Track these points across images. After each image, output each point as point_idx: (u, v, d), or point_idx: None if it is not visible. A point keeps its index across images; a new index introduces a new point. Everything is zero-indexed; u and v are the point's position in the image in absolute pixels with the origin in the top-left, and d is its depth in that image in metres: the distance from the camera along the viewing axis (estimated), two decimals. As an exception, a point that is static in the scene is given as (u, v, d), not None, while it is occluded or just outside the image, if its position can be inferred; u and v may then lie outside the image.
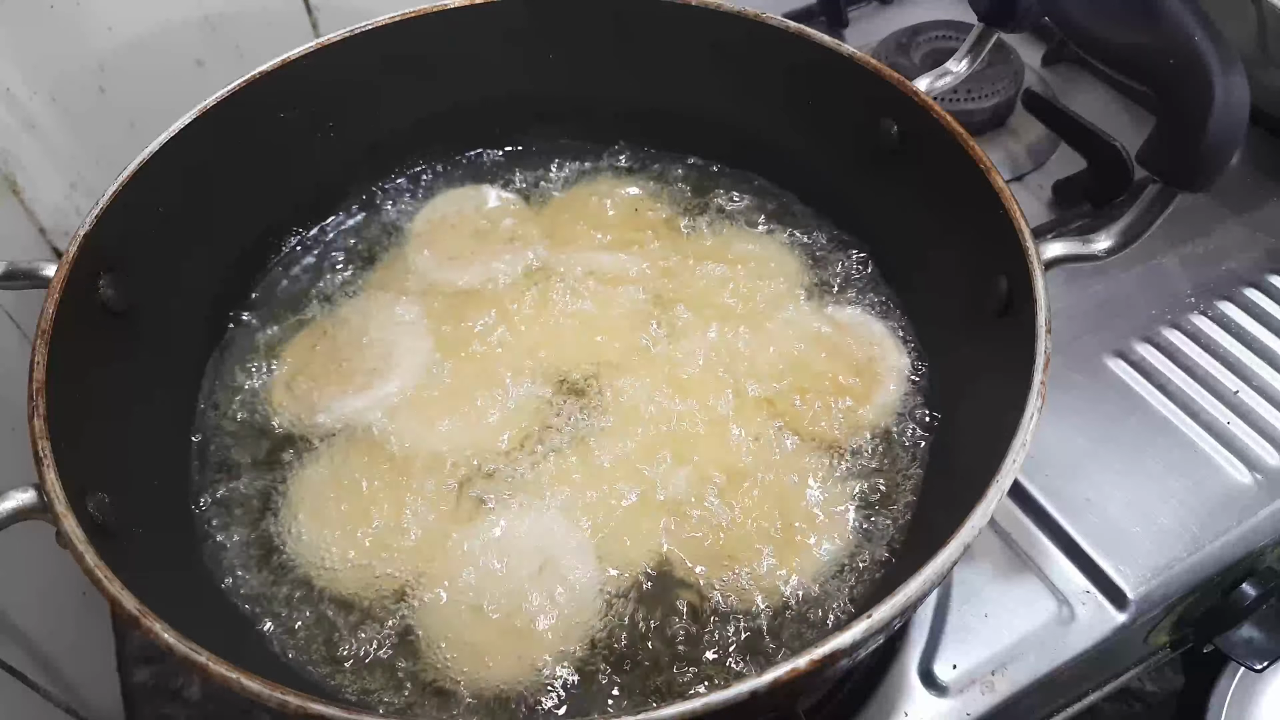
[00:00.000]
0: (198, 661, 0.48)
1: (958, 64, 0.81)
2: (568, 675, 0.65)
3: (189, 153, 0.75)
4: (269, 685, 0.47)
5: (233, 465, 0.76)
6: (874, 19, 1.30)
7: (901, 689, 0.76)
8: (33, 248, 0.94)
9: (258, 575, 0.70)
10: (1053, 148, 1.12)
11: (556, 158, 0.97)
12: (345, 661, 0.66)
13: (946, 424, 0.76)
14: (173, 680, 0.83)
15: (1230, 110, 0.58)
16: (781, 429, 0.77)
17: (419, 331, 0.83)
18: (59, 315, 0.63)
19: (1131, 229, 0.66)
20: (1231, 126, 0.59)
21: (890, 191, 0.83)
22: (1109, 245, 0.67)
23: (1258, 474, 0.84)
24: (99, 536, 0.55)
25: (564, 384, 0.80)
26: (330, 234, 0.92)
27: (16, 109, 0.89)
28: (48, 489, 0.56)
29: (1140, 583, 0.79)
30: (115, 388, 0.68)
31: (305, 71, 0.81)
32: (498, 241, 0.89)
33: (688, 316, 0.84)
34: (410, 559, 0.70)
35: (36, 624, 0.79)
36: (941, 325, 0.80)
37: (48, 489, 0.56)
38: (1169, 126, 0.63)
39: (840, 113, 0.84)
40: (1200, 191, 0.62)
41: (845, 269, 0.88)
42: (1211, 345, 0.93)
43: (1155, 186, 0.64)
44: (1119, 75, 0.68)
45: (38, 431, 0.57)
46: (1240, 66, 0.59)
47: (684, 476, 0.73)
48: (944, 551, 0.52)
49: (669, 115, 0.94)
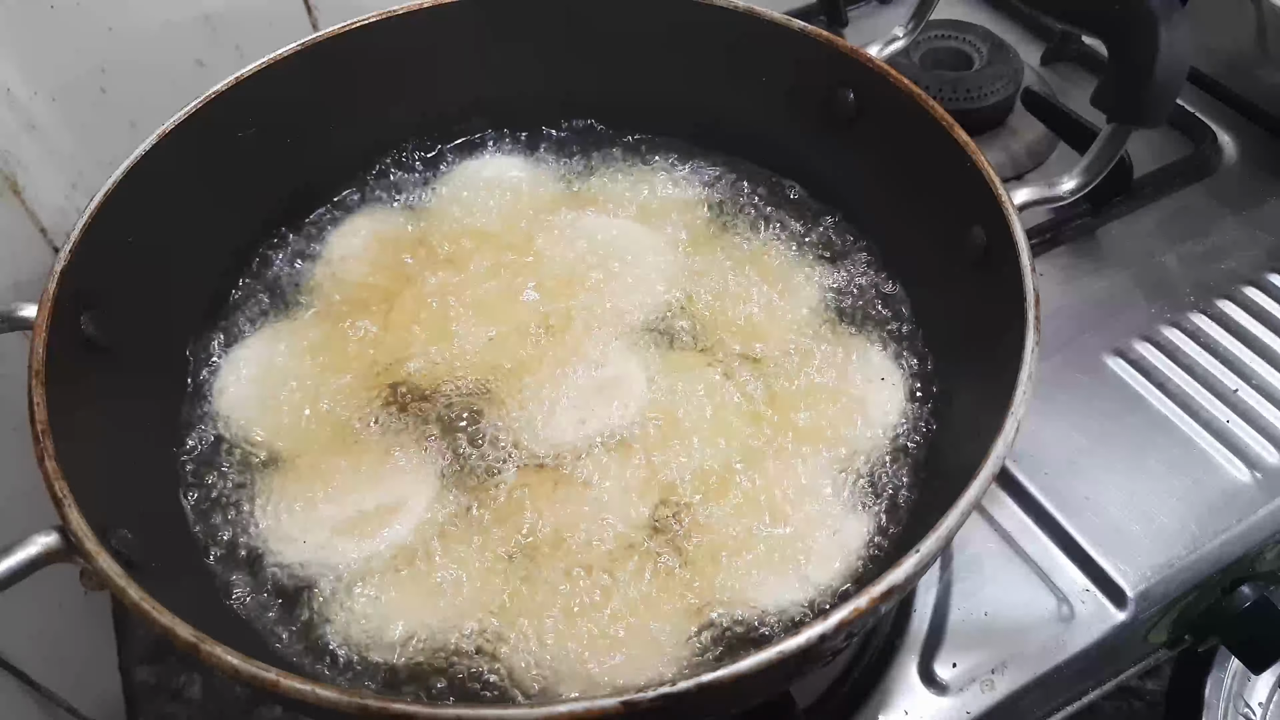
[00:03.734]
0: (267, 679, 0.48)
1: (902, 28, 0.86)
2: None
3: (154, 176, 0.74)
4: (345, 693, 0.47)
5: (228, 489, 0.75)
6: (874, 18, 1.31)
7: (901, 687, 0.76)
8: (33, 248, 0.94)
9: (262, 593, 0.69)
10: (1052, 147, 1.13)
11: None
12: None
13: (945, 389, 0.76)
14: (174, 679, 0.83)
15: (1174, 50, 0.63)
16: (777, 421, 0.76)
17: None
18: (49, 354, 0.62)
19: (1092, 168, 0.70)
20: (1176, 66, 0.64)
21: (858, 159, 0.84)
22: (1073, 185, 0.71)
23: (1257, 472, 0.84)
24: (131, 571, 0.54)
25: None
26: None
27: (17, 109, 0.89)
28: (73, 529, 0.55)
29: (1140, 581, 0.79)
30: (108, 420, 0.68)
31: (255, 90, 0.80)
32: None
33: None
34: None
35: (37, 623, 0.79)
36: (926, 284, 0.81)
37: (73, 529, 0.55)
38: (1119, 69, 0.67)
39: (797, 85, 0.86)
40: (1150, 127, 0.67)
41: (820, 240, 0.88)
42: (1211, 344, 0.93)
43: (1110, 126, 0.69)
44: (1067, 25, 0.72)
45: (52, 472, 0.56)
46: (1183, 11, 0.64)
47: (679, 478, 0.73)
48: (977, 479, 0.53)
49: (627, 100, 0.94)
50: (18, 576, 0.54)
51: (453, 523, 0.71)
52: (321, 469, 0.73)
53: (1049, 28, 1.25)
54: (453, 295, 0.83)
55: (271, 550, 0.70)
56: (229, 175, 0.82)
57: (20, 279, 0.93)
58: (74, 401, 0.63)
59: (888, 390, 0.76)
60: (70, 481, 0.57)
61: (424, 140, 0.95)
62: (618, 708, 0.46)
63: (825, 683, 0.77)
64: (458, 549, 0.69)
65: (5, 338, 0.75)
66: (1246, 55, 1.12)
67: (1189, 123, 1.12)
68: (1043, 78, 1.19)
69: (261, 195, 0.86)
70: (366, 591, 0.67)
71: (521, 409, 0.76)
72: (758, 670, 0.47)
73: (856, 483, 0.72)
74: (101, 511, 0.57)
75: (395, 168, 0.95)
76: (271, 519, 0.71)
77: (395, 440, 0.75)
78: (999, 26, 1.22)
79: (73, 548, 0.55)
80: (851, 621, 0.49)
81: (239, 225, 0.86)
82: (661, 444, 0.74)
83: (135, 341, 0.73)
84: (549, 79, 0.93)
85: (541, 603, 0.66)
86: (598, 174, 0.94)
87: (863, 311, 0.82)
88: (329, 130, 0.88)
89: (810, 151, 0.89)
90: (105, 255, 0.70)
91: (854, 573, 0.68)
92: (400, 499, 0.71)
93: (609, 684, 0.62)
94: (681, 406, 0.76)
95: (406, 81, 0.90)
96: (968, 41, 1.17)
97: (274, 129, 0.84)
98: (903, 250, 0.84)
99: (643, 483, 0.72)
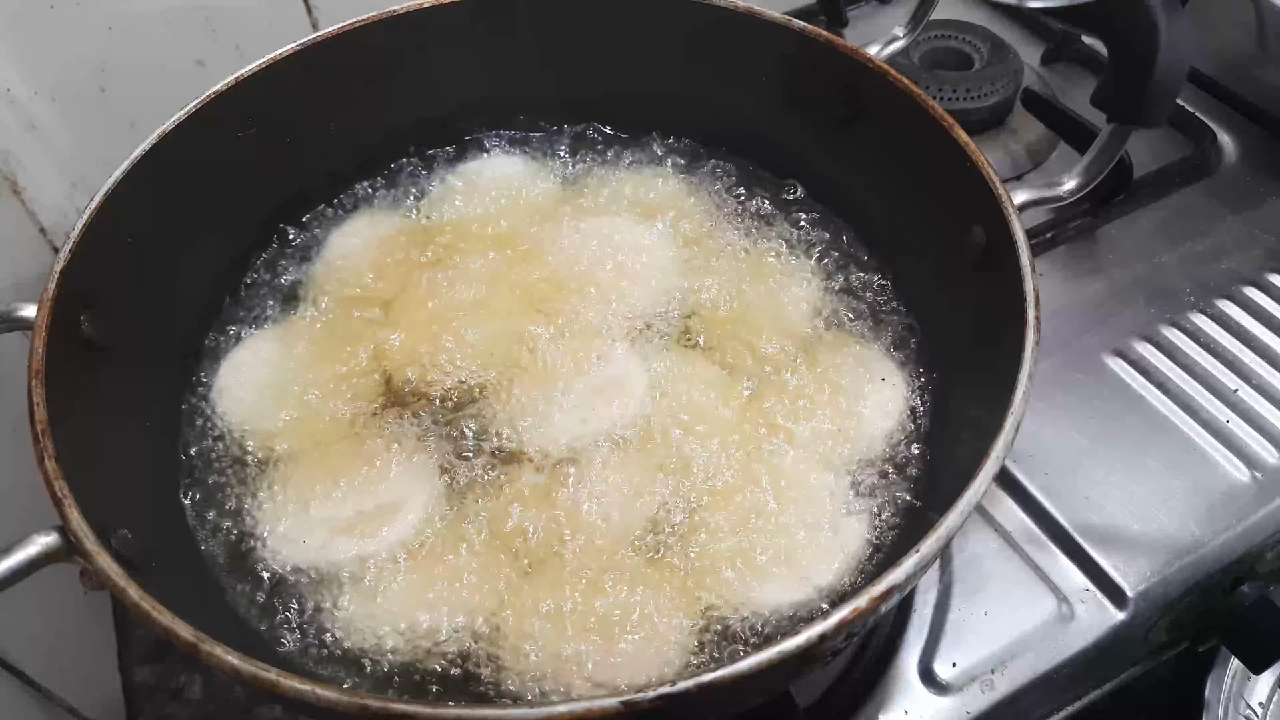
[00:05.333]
0: (267, 679, 0.48)
1: (902, 28, 0.86)
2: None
3: (154, 176, 0.74)
4: (345, 693, 0.47)
5: (228, 489, 0.75)
6: (874, 18, 1.31)
7: (901, 687, 0.76)
8: (33, 248, 0.94)
9: (262, 593, 0.69)
10: (1052, 147, 1.13)
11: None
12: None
13: (944, 389, 0.76)
14: (174, 679, 0.83)
15: (1174, 50, 0.63)
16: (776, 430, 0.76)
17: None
18: (48, 354, 0.62)
19: (1092, 168, 0.70)
20: (1176, 66, 0.63)
21: (858, 159, 0.84)
22: (1073, 186, 0.71)
23: (1257, 472, 0.84)
24: (131, 571, 0.54)
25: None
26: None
27: (17, 109, 0.89)
28: (73, 529, 0.54)
29: (1140, 581, 0.79)
30: (108, 420, 0.68)
31: (255, 90, 0.80)
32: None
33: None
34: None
35: (37, 623, 0.79)
36: (925, 283, 0.81)
37: (73, 529, 0.54)
38: (1118, 69, 0.67)
39: (797, 85, 0.86)
40: (1150, 127, 0.67)
41: (821, 240, 0.88)
42: (1211, 344, 0.93)
43: (1110, 126, 0.68)
44: (1067, 25, 0.72)
45: (52, 472, 0.56)
46: (1182, 10, 0.63)
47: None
48: (977, 479, 0.54)
49: (626, 100, 0.94)
50: (18, 576, 0.54)
51: (453, 522, 0.71)
52: (321, 469, 0.73)
53: (1049, 28, 1.25)
54: (452, 295, 0.83)
55: (271, 550, 0.70)
56: (229, 175, 0.82)
57: (20, 279, 0.94)
58: (74, 402, 0.63)
59: (887, 390, 0.76)
60: (70, 481, 0.56)
61: (424, 140, 0.95)
62: (618, 708, 0.46)
63: (825, 683, 0.77)
64: (458, 549, 0.69)
65: (5, 338, 0.75)
66: (1246, 55, 1.12)
67: (1189, 123, 1.12)
68: (1043, 78, 1.19)
69: (261, 195, 0.86)
70: (366, 591, 0.67)
71: (522, 409, 0.76)
72: (758, 670, 0.47)
73: (856, 483, 0.72)
74: (101, 511, 0.57)
75: (395, 168, 0.95)
76: (271, 519, 0.71)
77: (395, 440, 0.75)
78: (999, 26, 1.22)
79: (73, 548, 0.55)
80: (851, 621, 0.49)
81: (239, 225, 0.86)
82: (662, 444, 0.73)
83: (135, 341, 0.73)
84: (549, 79, 0.93)
85: (542, 602, 0.66)
86: (597, 174, 0.94)
87: (862, 311, 0.82)
88: (329, 130, 0.88)
89: (810, 151, 0.89)
90: (105, 255, 0.70)
91: (854, 573, 0.67)
92: (400, 499, 0.71)
93: (609, 684, 0.62)
94: (682, 406, 0.75)
95: (406, 81, 0.90)
96: (968, 41, 1.17)
97: (274, 129, 0.84)
98: (902, 250, 0.84)
99: (643, 482, 0.72)
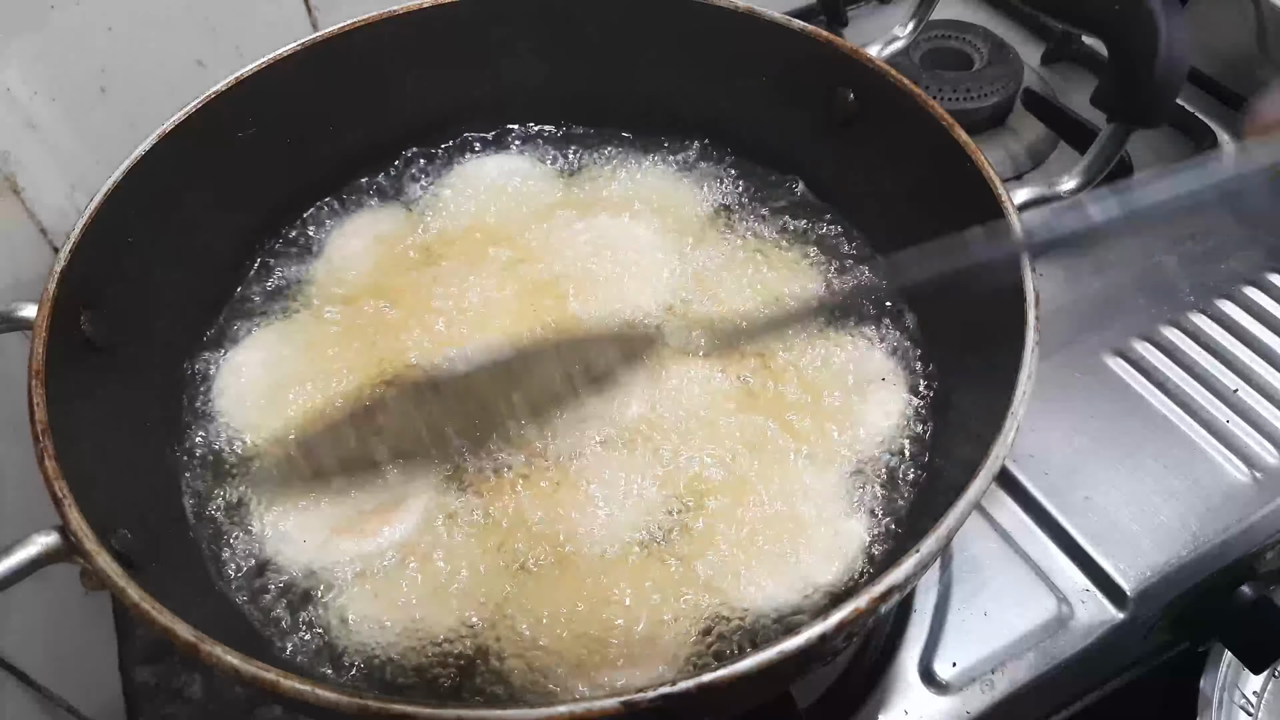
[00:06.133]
0: (267, 679, 0.48)
1: (902, 28, 0.87)
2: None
3: (154, 176, 0.74)
4: (345, 693, 0.47)
5: (228, 489, 0.74)
6: (874, 18, 1.31)
7: (901, 687, 0.76)
8: (33, 248, 0.94)
9: (263, 593, 0.69)
10: (1052, 147, 1.13)
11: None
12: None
13: (944, 389, 0.76)
14: (174, 679, 0.83)
15: (1174, 50, 0.63)
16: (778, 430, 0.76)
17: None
18: (49, 354, 0.62)
19: (1092, 167, 0.71)
20: (1176, 66, 0.64)
21: (858, 159, 0.84)
22: (1074, 185, 0.71)
23: (1257, 472, 0.84)
24: (131, 571, 0.54)
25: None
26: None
27: (17, 109, 0.89)
28: (73, 529, 0.55)
29: (1140, 581, 0.79)
30: (108, 421, 0.67)
31: (255, 90, 0.80)
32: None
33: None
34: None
35: (37, 623, 0.79)
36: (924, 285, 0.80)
37: (73, 529, 0.55)
38: (1119, 69, 0.67)
39: (797, 85, 0.86)
40: (1150, 127, 0.68)
41: (821, 240, 0.87)
42: (1211, 344, 0.93)
43: (1110, 126, 0.69)
44: (1067, 25, 0.72)
45: (52, 472, 0.56)
46: (1183, 11, 0.64)
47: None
48: (977, 479, 0.54)
49: (627, 100, 0.94)
50: (18, 576, 0.54)
51: (453, 522, 0.70)
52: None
53: (1049, 28, 1.25)
54: (453, 295, 0.83)
55: (272, 550, 0.70)
56: (229, 175, 0.82)
57: (20, 279, 0.94)
58: (74, 402, 0.63)
59: (888, 390, 0.76)
60: (70, 481, 0.56)
61: (424, 140, 0.95)
62: (618, 708, 0.46)
63: (825, 683, 0.77)
64: (458, 548, 0.69)
65: (5, 338, 0.76)
66: (1246, 55, 1.12)
67: (1189, 123, 1.12)
68: (1043, 78, 1.19)
69: (261, 195, 0.86)
70: (367, 591, 0.67)
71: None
72: (758, 670, 0.47)
73: (856, 483, 0.72)
74: (101, 511, 0.57)
75: (395, 168, 0.95)
76: (271, 519, 0.71)
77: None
78: (999, 26, 1.22)
79: (73, 548, 0.55)
80: (851, 621, 0.49)
81: (239, 225, 0.86)
82: (662, 444, 0.73)
83: (135, 341, 0.73)
84: (549, 79, 0.93)
85: (541, 602, 0.66)
86: (598, 174, 0.94)
87: (863, 311, 0.82)
88: (329, 130, 0.88)
89: (810, 151, 0.89)
90: (105, 255, 0.70)
91: (854, 573, 0.67)
92: (400, 499, 0.71)
93: (609, 684, 0.62)
94: (682, 406, 0.75)
95: (407, 81, 0.90)
96: (968, 41, 1.17)
97: (274, 129, 0.84)
98: (903, 250, 0.83)
99: (643, 482, 0.72)
